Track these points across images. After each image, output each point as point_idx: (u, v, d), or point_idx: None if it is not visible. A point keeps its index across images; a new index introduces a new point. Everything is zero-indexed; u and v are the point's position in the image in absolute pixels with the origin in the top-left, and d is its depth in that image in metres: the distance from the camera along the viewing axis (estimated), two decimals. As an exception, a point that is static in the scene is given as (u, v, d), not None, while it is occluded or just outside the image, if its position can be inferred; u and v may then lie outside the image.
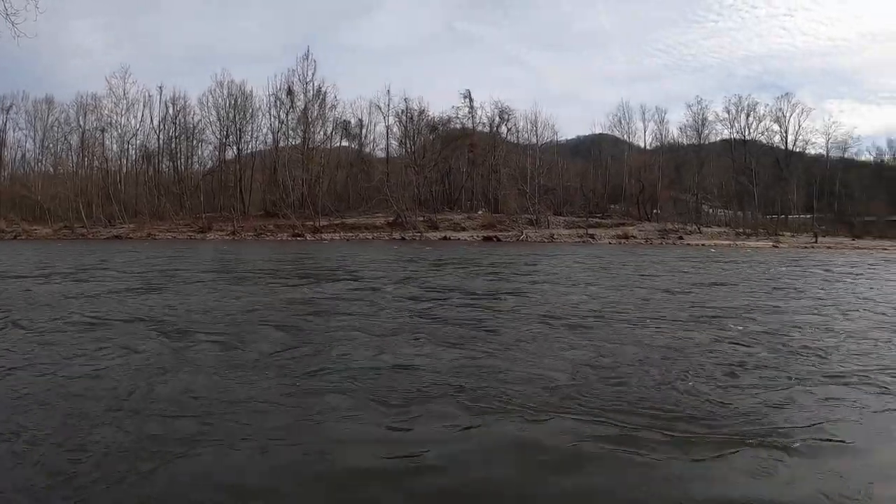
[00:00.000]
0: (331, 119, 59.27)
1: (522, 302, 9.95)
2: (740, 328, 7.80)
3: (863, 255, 41.14)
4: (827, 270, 20.49)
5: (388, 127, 62.36)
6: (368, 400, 4.34)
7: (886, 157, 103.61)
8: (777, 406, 4.46)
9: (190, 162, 57.48)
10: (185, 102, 56.21)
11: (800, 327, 8.00)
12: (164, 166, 56.67)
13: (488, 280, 14.23)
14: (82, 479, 3.01)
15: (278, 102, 56.24)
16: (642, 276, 16.58)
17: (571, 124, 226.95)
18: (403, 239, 43.05)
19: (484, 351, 6.01)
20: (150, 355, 5.65)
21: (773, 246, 53.80)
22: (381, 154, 63.90)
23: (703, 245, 51.09)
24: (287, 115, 55.97)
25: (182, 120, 56.00)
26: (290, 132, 56.24)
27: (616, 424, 3.90)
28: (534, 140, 66.30)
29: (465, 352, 6.00)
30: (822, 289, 13.87)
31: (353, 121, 62.14)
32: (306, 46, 60.94)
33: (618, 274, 17.50)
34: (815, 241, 59.58)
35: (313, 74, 55.96)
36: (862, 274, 19.19)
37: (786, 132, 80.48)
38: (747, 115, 78.19)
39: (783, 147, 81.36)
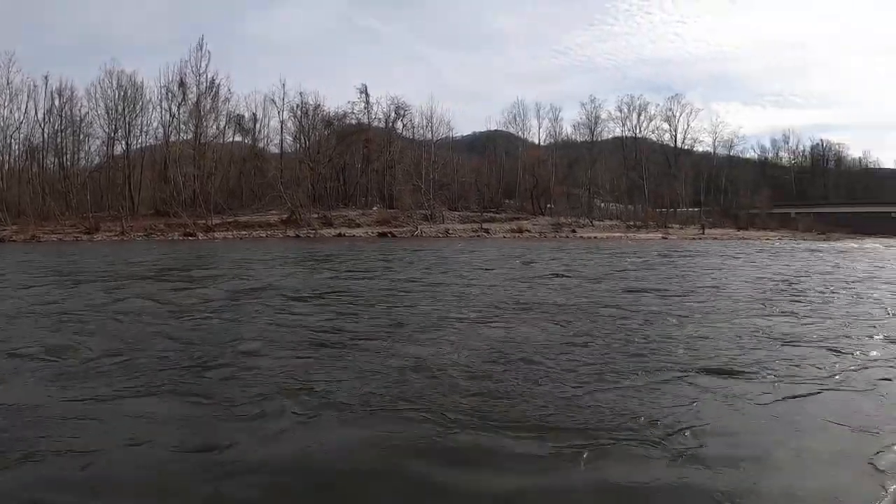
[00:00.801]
0: (224, 113, 58.31)
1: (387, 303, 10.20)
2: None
3: (740, 244, 46.29)
4: (665, 257, 23.83)
5: (282, 122, 62.56)
6: (181, 401, 4.58)
7: (769, 155, 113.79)
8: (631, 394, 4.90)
9: (77, 158, 54.69)
10: (73, 93, 53.19)
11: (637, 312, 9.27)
12: (48, 163, 53.92)
13: (355, 279, 14.55)
14: None
15: (170, 94, 54.82)
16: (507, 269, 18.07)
17: (468, 121, 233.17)
18: (298, 236, 43.84)
19: (330, 354, 6.22)
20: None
21: (663, 237, 58.34)
22: (275, 149, 64.16)
23: (595, 237, 54.67)
24: (179, 108, 54.82)
25: (69, 112, 53.15)
26: (182, 126, 55.10)
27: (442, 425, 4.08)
28: (429, 136, 68.41)
29: (304, 353, 6.29)
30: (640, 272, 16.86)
31: (247, 115, 61.51)
32: (201, 35, 56.86)
33: (503, 267, 19.07)
34: (703, 233, 64.90)
35: (207, 66, 54.98)
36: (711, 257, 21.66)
37: (675, 131, 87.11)
38: (639, 115, 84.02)
39: (672, 145, 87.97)
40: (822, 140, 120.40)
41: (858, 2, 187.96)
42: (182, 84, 54.80)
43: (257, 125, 62.82)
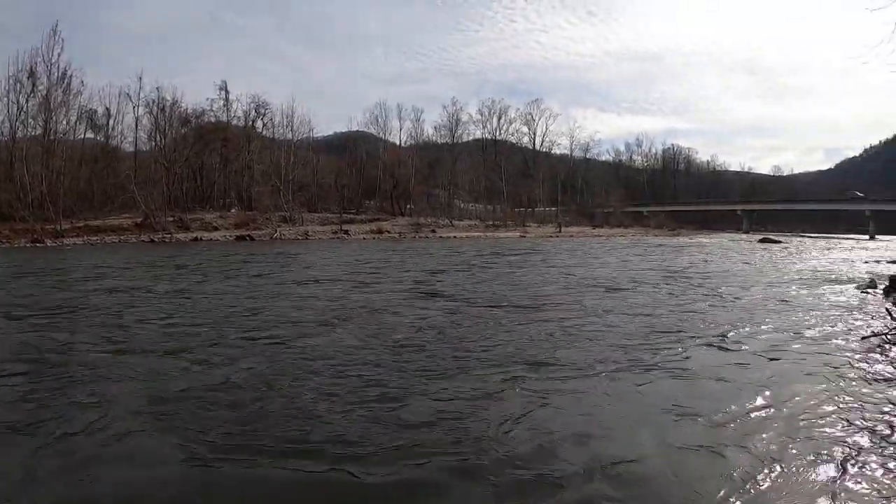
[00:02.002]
0: (76, 107, 55.50)
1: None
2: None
3: (590, 239, 52.66)
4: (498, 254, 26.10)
5: (137, 118, 60.80)
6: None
7: (624, 158, 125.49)
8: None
9: None
10: None
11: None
12: None
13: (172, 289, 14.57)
14: None
15: (18, 85, 50.40)
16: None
17: (329, 121, 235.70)
18: (153, 241, 43.09)
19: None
20: None
21: (521, 236, 63.57)
22: (129, 148, 61.81)
23: (454, 237, 58.27)
24: (27, 100, 50.53)
25: None
26: (31, 121, 50.99)
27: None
28: (290, 136, 69.90)
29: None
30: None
31: (100, 110, 59.12)
32: (55, 21, 52.30)
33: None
34: (560, 231, 71.01)
35: (59, 55, 51.27)
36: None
37: (534, 134, 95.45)
38: (499, 118, 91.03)
39: (531, 147, 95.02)
40: (673, 144, 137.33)
41: (708, 19, 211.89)
42: (32, 74, 50.65)
43: (111, 121, 60.82)
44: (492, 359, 7.19)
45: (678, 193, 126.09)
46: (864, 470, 4.06)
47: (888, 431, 4.77)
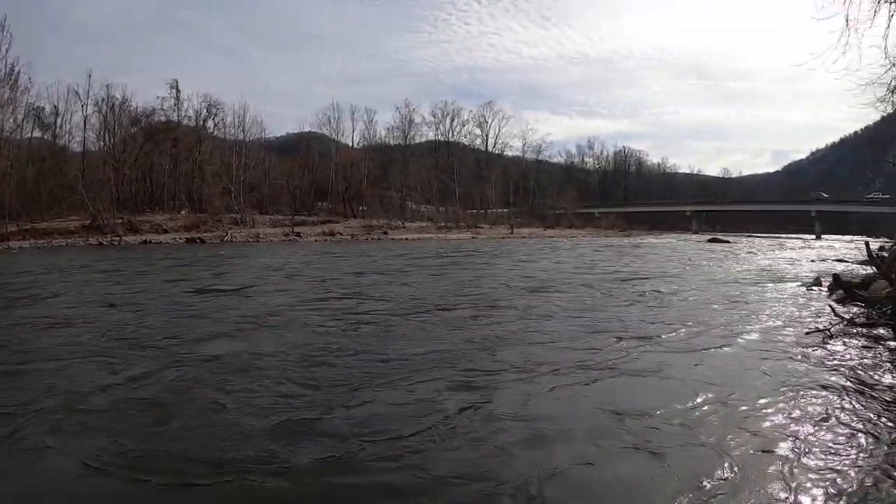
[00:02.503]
0: (23, 105, 54.55)
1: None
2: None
3: (542, 240, 53.63)
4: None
5: (86, 117, 59.42)
6: None
7: (575, 160, 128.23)
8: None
9: None
10: None
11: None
12: None
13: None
14: None
15: None
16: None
17: (282, 122, 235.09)
18: (101, 244, 42.70)
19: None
20: None
21: (473, 237, 64.77)
22: (77, 148, 60.49)
23: (406, 239, 59.00)
24: None
25: None
26: None
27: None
28: (241, 136, 70.21)
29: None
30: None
31: (47, 108, 58.01)
32: (3, 15, 50.27)
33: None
34: (512, 232, 72.45)
35: (7, 50, 50.44)
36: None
37: (487, 136, 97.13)
38: (452, 120, 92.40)
39: (484, 149, 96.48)
40: (624, 147, 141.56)
41: (659, 25, 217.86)
42: (-23, 70, 48.93)
43: (59, 120, 59.58)
44: (418, 366, 6.96)
45: (629, 195, 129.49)
46: (808, 460, 4.18)
47: (832, 422, 4.95)
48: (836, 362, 7.06)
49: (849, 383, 6.11)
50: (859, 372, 6.56)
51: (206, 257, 29.96)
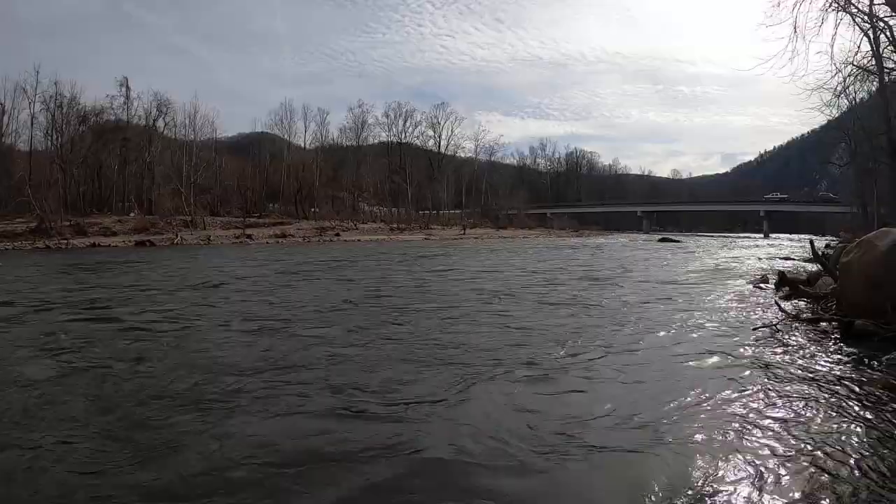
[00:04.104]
0: None
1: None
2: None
3: (494, 241, 55.58)
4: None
5: (33, 115, 58.34)
6: None
7: (528, 161, 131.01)
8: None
9: None
10: None
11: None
12: None
13: None
14: None
15: None
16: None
17: (234, 122, 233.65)
18: (48, 247, 41.61)
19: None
20: None
21: (426, 238, 65.69)
22: (24, 147, 59.41)
23: (359, 241, 59.13)
24: None
25: None
26: None
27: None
28: (192, 136, 70.19)
29: None
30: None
31: None
32: None
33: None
34: (464, 233, 73.88)
35: None
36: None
37: (440, 137, 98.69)
38: (405, 121, 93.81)
39: (437, 150, 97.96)
40: (576, 148, 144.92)
41: (611, 30, 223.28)
42: (-77, 64, 48.77)
43: (5, 118, 58.35)
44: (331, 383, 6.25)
45: (581, 196, 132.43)
46: (746, 454, 4.16)
47: (781, 415, 5.00)
48: (782, 356, 7.25)
49: (794, 375, 6.32)
50: (804, 365, 6.81)
51: (160, 261, 28.38)
